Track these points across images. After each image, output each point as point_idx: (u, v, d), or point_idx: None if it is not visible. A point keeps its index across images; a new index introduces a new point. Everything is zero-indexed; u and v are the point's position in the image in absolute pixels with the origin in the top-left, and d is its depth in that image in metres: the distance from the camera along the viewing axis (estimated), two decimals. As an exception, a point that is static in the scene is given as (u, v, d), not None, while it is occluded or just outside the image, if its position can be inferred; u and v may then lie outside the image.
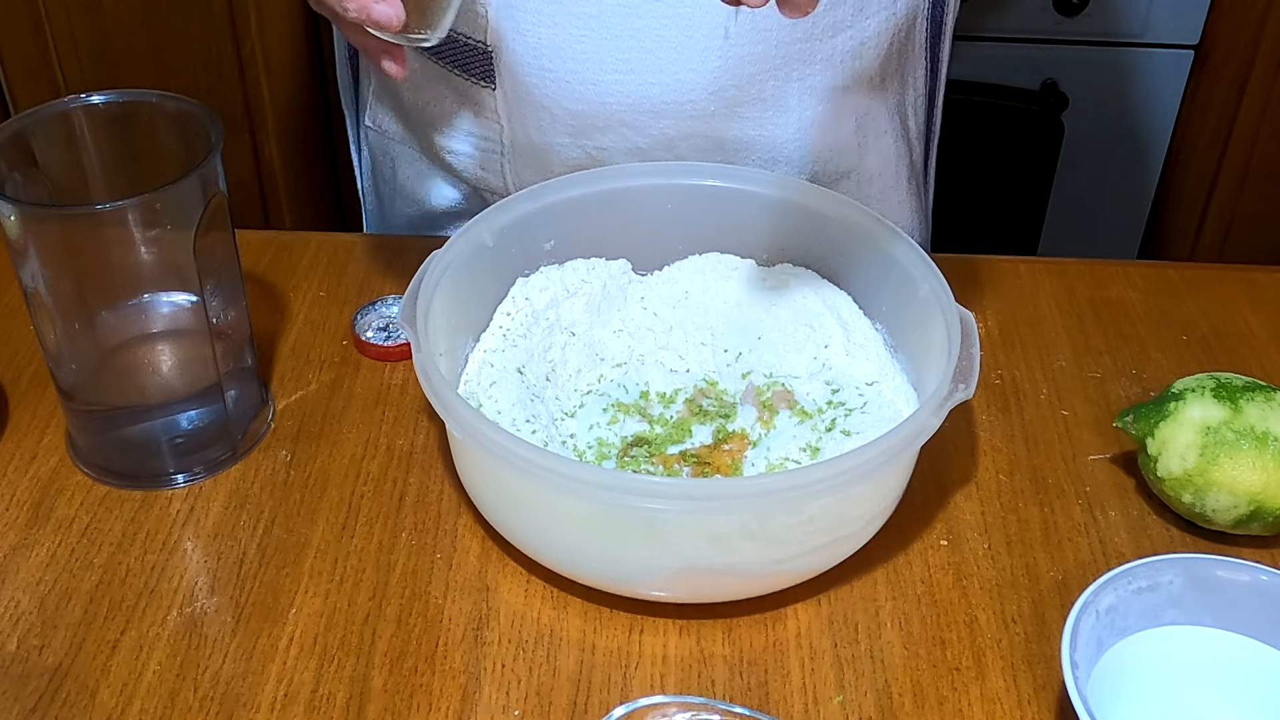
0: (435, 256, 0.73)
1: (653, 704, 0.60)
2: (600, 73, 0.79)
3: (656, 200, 0.80)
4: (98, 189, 0.74)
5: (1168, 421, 0.70)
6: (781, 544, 0.64)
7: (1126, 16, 1.62)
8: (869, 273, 0.78)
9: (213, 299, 0.71)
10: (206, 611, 0.67)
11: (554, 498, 0.64)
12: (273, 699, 0.63)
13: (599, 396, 0.75)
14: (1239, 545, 0.71)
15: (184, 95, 0.71)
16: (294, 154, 1.68)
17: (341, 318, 0.85)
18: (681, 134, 0.82)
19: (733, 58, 0.79)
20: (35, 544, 0.70)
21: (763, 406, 0.75)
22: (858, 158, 0.88)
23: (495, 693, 0.63)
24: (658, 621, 0.67)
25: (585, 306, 0.79)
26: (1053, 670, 0.64)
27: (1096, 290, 0.89)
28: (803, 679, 0.64)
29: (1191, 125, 1.68)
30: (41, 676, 0.64)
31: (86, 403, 0.74)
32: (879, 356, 0.76)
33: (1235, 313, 0.87)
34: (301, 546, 0.70)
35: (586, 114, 0.82)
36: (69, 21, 1.56)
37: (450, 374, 0.73)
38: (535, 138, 0.84)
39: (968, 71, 1.64)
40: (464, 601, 0.68)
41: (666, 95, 0.80)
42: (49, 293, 0.69)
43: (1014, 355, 0.84)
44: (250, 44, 1.58)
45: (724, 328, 0.80)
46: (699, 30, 0.78)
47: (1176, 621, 0.63)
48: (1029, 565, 0.70)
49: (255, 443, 0.76)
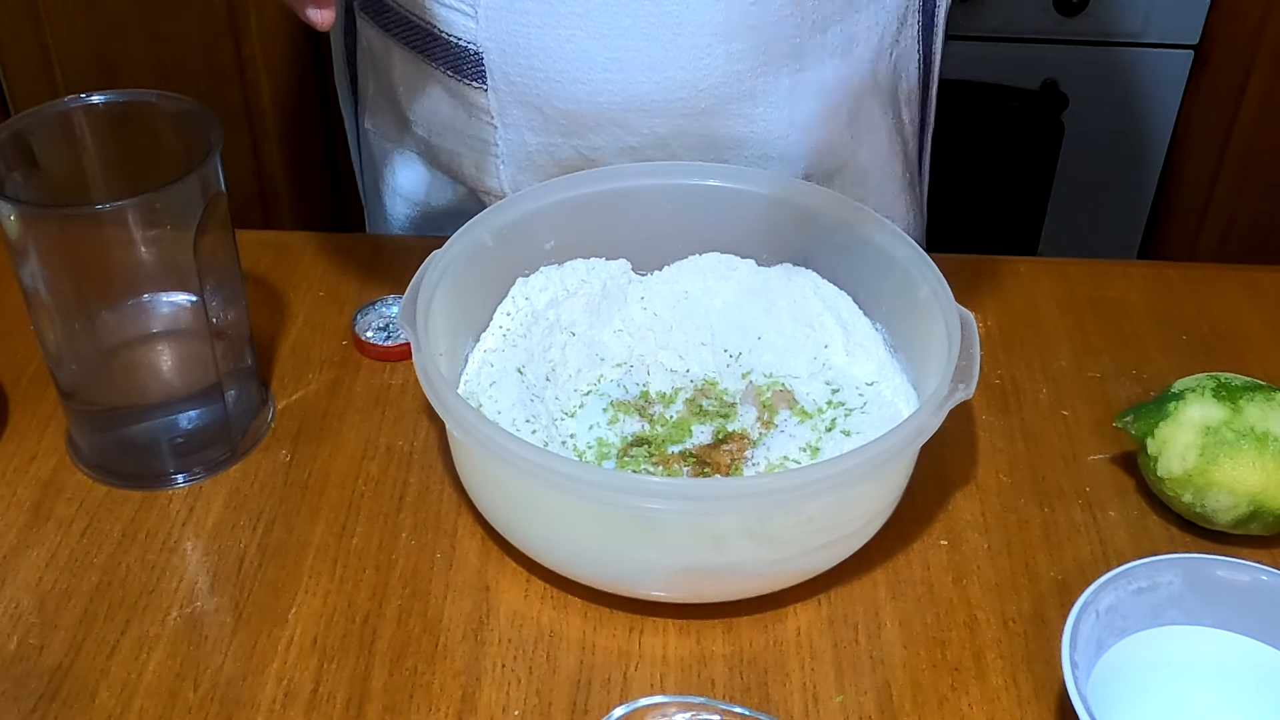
0: (435, 256, 0.73)
1: (653, 704, 0.60)
2: (590, 71, 0.80)
3: (656, 200, 0.80)
4: (98, 189, 0.74)
5: (1168, 421, 0.70)
6: (781, 544, 0.64)
7: (1126, 16, 1.62)
8: (869, 273, 0.78)
9: (213, 299, 0.71)
10: (206, 611, 0.67)
11: (554, 498, 0.64)
12: (273, 699, 0.63)
13: (599, 396, 0.75)
14: (1239, 545, 0.71)
15: (184, 95, 0.71)
16: (294, 154, 1.68)
17: (341, 318, 0.85)
18: (673, 132, 0.82)
19: (722, 55, 0.79)
20: (35, 544, 0.70)
21: (763, 406, 0.75)
22: (851, 152, 0.88)
23: (495, 693, 0.63)
24: (658, 621, 0.67)
25: (585, 306, 0.79)
26: (1053, 670, 0.64)
27: (1096, 290, 0.89)
28: (803, 679, 0.64)
29: (1191, 125, 1.68)
30: (41, 676, 0.64)
31: (86, 403, 0.74)
32: (879, 356, 0.76)
33: (1235, 313, 0.87)
34: (301, 546, 0.70)
35: (578, 113, 0.82)
36: (68, 22, 1.56)
37: (450, 374, 0.73)
38: (528, 138, 0.84)
39: (968, 71, 1.64)
40: (464, 601, 0.68)
41: (657, 93, 0.80)
42: (49, 293, 0.69)
43: (1014, 355, 0.84)
44: (250, 44, 1.58)
45: (724, 328, 0.80)
46: (687, 28, 0.78)
47: (1176, 621, 0.63)
48: (1029, 565, 0.70)
49: (255, 443, 0.76)
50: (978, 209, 1.70)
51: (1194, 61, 1.64)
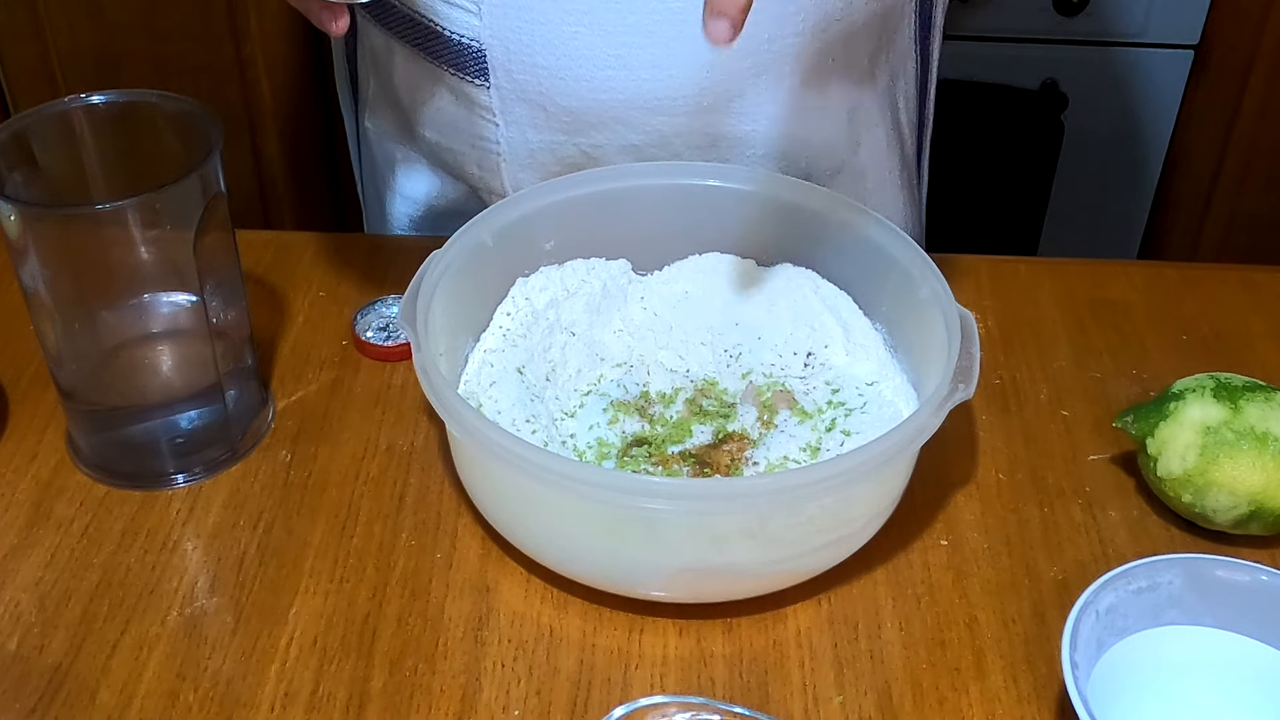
0: (435, 256, 0.73)
1: (653, 704, 0.60)
2: (593, 69, 0.80)
3: (656, 200, 0.80)
4: (98, 189, 0.74)
5: (1168, 421, 0.70)
6: (781, 544, 0.64)
7: (1126, 16, 1.62)
8: (869, 273, 0.78)
9: (213, 299, 0.71)
10: (206, 611, 0.67)
11: (554, 498, 0.64)
12: (273, 699, 0.63)
13: (599, 396, 0.75)
14: (1239, 545, 0.71)
15: (184, 95, 0.71)
16: (294, 154, 1.68)
17: (341, 318, 0.85)
18: (675, 130, 0.82)
19: (724, 54, 0.79)
20: (35, 544, 0.70)
21: (763, 406, 0.75)
22: (850, 151, 0.88)
23: (495, 693, 0.63)
24: (658, 621, 0.67)
25: (585, 306, 0.79)
26: (1053, 670, 0.64)
27: (1096, 290, 0.89)
28: (803, 679, 0.64)
29: (1191, 125, 1.68)
30: (41, 676, 0.64)
31: (86, 403, 0.74)
32: (879, 356, 0.76)
33: (1235, 313, 0.87)
34: (301, 546, 0.70)
35: (580, 111, 0.82)
36: (69, 22, 1.56)
37: (450, 374, 0.73)
38: (530, 136, 0.84)
39: (968, 71, 1.64)
40: (464, 601, 0.68)
41: (659, 91, 0.80)
42: (49, 293, 0.69)
43: (1014, 355, 0.84)
44: (250, 44, 1.58)
45: (724, 328, 0.80)
46: (690, 26, 0.78)
47: (1176, 621, 0.63)
48: (1029, 565, 0.70)
49: (255, 443, 0.76)
50: (977, 209, 1.70)
51: (1194, 61, 1.64)
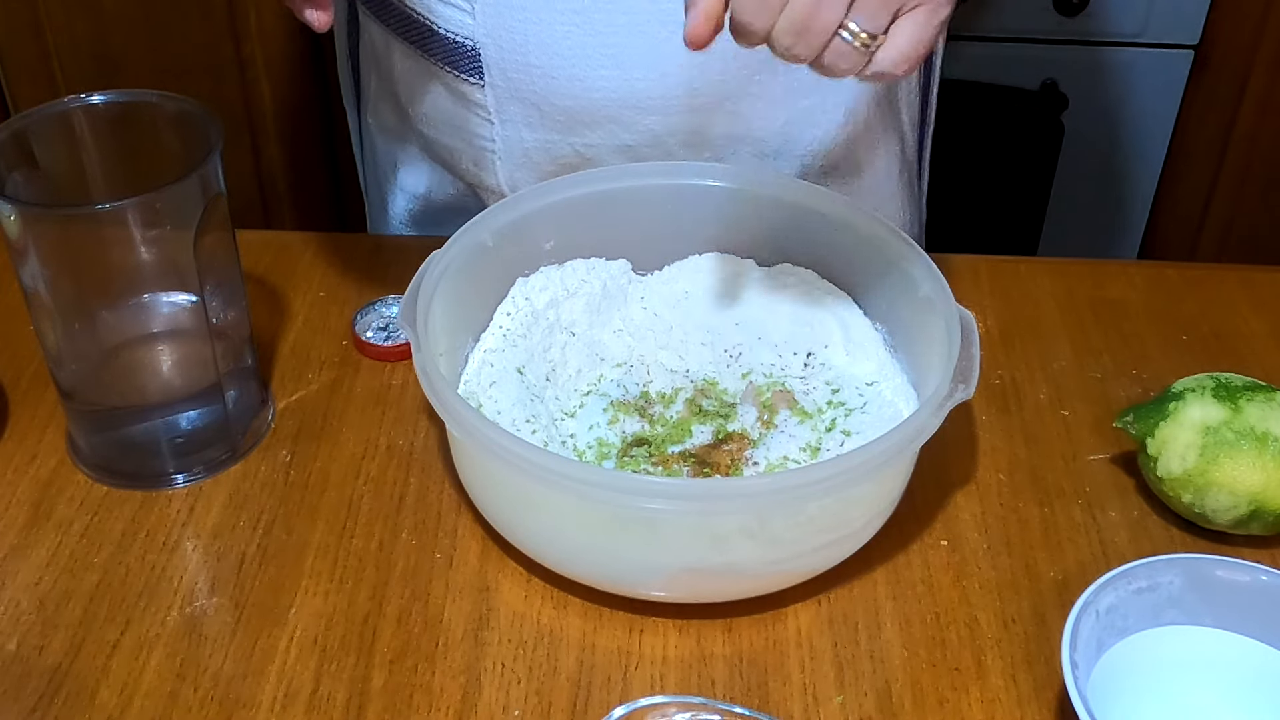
0: (435, 256, 0.73)
1: (653, 704, 0.60)
2: (587, 68, 0.80)
3: (657, 200, 0.80)
4: (98, 189, 0.74)
5: (1168, 421, 0.70)
6: (781, 544, 0.64)
7: (1126, 16, 1.62)
8: (869, 272, 0.78)
9: (213, 299, 0.71)
10: (206, 611, 0.67)
11: (554, 498, 0.64)
12: (273, 699, 0.63)
13: (599, 396, 0.75)
14: (1239, 545, 0.71)
15: (184, 95, 0.71)
16: (294, 154, 1.68)
17: (341, 318, 0.85)
18: (669, 130, 0.82)
19: (717, 53, 0.79)
20: (35, 544, 0.70)
21: (763, 406, 0.75)
22: (849, 151, 0.88)
23: (495, 693, 0.63)
24: (658, 621, 0.67)
25: (585, 306, 0.79)
26: (1053, 670, 0.64)
27: (1096, 290, 0.89)
28: (803, 679, 0.64)
29: (1191, 125, 1.68)
30: (41, 676, 0.64)
31: (87, 403, 0.74)
32: (879, 356, 0.76)
33: (1235, 313, 0.87)
34: (301, 546, 0.70)
35: (574, 110, 0.82)
36: (68, 22, 1.56)
37: (450, 374, 0.73)
38: (525, 134, 0.84)
39: (968, 71, 1.64)
40: (464, 601, 0.68)
41: (652, 90, 0.80)
42: (49, 293, 0.69)
43: (1014, 355, 0.84)
44: (250, 44, 1.58)
45: (724, 328, 0.80)
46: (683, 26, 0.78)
47: (1176, 621, 0.63)
48: (1029, 565, 0.70)
49: (255, 443, 0.76)
50: (977, 209, 1.70)
51: (1194, 61, 1.64)
